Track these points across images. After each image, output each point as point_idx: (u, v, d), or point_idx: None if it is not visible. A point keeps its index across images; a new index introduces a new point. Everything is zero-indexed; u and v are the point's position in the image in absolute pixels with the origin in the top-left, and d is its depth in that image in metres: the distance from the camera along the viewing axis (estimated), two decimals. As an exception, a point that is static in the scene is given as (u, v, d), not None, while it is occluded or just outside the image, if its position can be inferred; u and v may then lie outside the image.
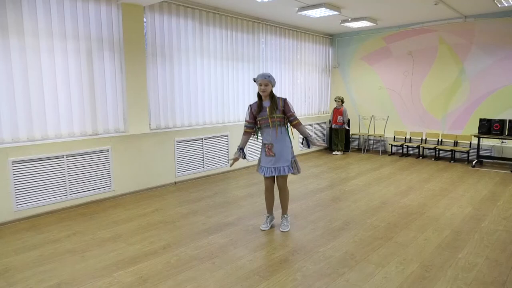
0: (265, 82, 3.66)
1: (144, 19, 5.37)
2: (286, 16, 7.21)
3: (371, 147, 9.15)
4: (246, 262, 3.17)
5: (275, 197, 3.99)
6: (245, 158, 3.92)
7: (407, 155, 8.39)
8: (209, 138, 6.41)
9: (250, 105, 3.84)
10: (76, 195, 4.71)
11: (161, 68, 5.69)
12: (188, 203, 4.88)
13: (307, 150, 8.80)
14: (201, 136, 6.26)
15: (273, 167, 3.76)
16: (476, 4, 6.42)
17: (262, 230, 3.90)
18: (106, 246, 3.52)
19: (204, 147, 6.32)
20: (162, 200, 5.02)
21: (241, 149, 3.85)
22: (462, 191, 5.39)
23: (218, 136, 6.56)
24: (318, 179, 6.16)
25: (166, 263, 3.16)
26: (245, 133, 3.87)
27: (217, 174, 6.58)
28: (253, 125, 3.85)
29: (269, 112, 3.68)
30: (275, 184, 3.91)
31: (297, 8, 6.53)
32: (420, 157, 8.11)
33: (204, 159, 6.34)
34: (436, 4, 6.27)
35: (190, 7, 5.98)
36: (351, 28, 8.54)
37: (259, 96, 3.77)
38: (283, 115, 3.74)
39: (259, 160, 3.93)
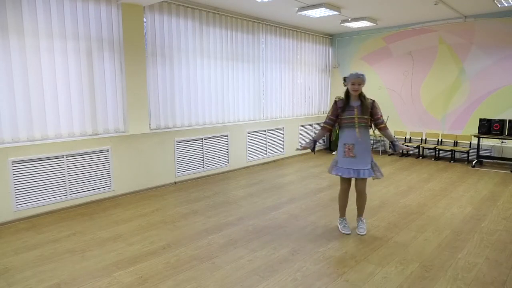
0: (359, 81, 3.56)
1: (144, 19, 5.37)
2: (286, 16, 7.21)
3: (371, 147, 9.14)
4: (246, 262, 3.17)
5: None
6: (313, 151, 3.89)
7: (407, 155, 8.39)
8: (209, 138, 6.41)
9: (336, 102, 3.72)
10: (76, 195, 4.71)
11: (161, 68, 5.69)
12: (188, 203, 4.88)
13: (307, 150, 8.78)
14: (201, 136, 6.26)
15: (353, 169, 3.65)
16: (476, 4, 6.42)
17: (346, 234, 3.78)
18: (106, 246, 3.52)
19: (204, 147, 6.32)
20: (162, 200, 5.02)
21: (314, 141, 3.82)
22: (462, 191, 5.39)
23: (218, 136, 6.56)
24: (318, 179, 6.16)
25: (166, 263, 3.16)
26: (324, 128, 3.78)
27: (217, 174, 6.58)
28: (334, 122, 3.75)
29: (358, 113, 3.60)
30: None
31: (297, 8, 6.53)
32: (420, 157, 8.11)
33: (204, 159, 6.34)
34: (436, 4, 6.27)
35: (190, 7, 5.98)
36: (351, 28, 8.54)
37: (347, 95, 3.68)
38: (369, 117, 3.64)
39: (335, 161, 3.79)
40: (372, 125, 3.73)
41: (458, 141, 7.72)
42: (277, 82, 7.98)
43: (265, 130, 7.57)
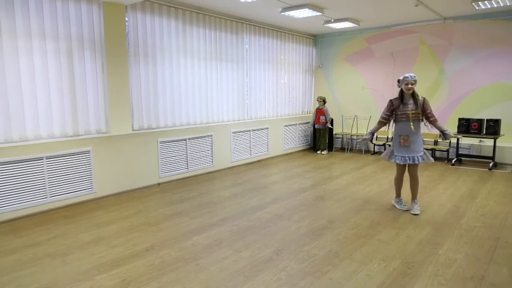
0: (412, 82, 4.23)
1: (126, 18, 5.30)
2: (269, 17, 7.23)
3: (354, 147, 9.26)
4: (230, 263, 3.16)
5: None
6: (371, 141, 5.05)
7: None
8: (193, 138, 6.37)
9: (391, 100, 4.43)
10: (57, 197, 4.61)
11: (144, 68, 5.63)
12: (172, 204, 4.84)
13: (292, 150, 8.85)
14: (185, 137, 6.22)
15: (408, 156, 4.32)
16: (455, 6, 6.58)
17: (405, 210, 4.52)
18: (87, 249, 3.46)
19: (188, 147, 6.28)
20: (145, 202, 4.97)
21: (372, 133, 4.62)
22: (442, 189, 5.52)
23: (202, 137, 6.53)
24: (302, 179, 6.20)
25: (149, 266, 3.13)
26: (381, 122, 4.51)
27: (202, 174, 6.55)
28: (389, 117, 4.45)
29: (412, 108, 4.27)
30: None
31: (280, 9, 6.56)
32: (402, 156, 8.24)
33: (188, 160, 6.30)
34: (416, 5, 6.39)
35: (173, 7, 5.93)
36: (334, 29, 8.62)
37: (401, 94, 4.34)
38: (421, 112, 4.29)
39: (391, 150, 4.50)
40: (423, 119, 4.36)
41: (438, 140, 7.89)
42: (261, 82, 7.99)
43: (250, 130, 7.58)
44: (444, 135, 4.31)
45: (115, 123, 5.22)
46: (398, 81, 4.36)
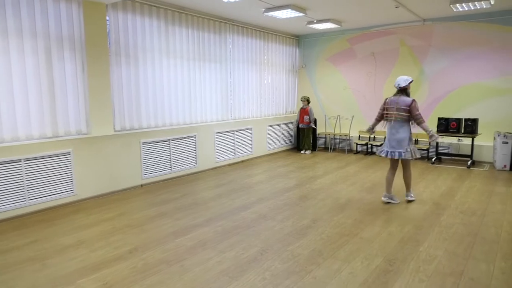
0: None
1: (107, 17, 5.21)
2: (252, 17, 7.23)
3: (337, 146, 9.36)
4: (215, 264, 3.15)
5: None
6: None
7: (372, 153, 8.66)
8: (177, 139, 6.32)
9: (414, 100, 4.64)
10: (36, 200, 4.50)
11: (126, 68, 5.55)
12: (155, 206, 4.79)
13: (276, 150, 8.88)
14: (168, 137, 6.16)
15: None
16: (434, 8, 6.73)
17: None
18: (68, 253, 3.39)
19: (171, 148, 6.22)
20: (128, 204, 4.90)
21: (433, 131, 4.72)
22: (422, 187, 5.63)
23: (185, 137, 6.48)
24: (286, 179, 6.23)
25: (132, 268, 3.08)
26: (423, 121, 4.64)
27: (185, 175, 6.50)
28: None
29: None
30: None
31: (263, 9, 6.57)
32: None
33: (172, 161, 6.25)
34: (397, 7, 6.51)
35: (155, 6, 5.87)
36: (316, 30, 8.70)
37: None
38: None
39: (414, 147, 4.74)
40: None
41: (418, 139, 8.05)
42: (244, 83, 7.99)
43: (234, 131, 7.56)
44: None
45: (96, 124, 5.13)
46: (410, 82, 4.70)
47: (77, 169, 4.91)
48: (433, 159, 7.52)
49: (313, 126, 8.85)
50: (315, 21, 7.64)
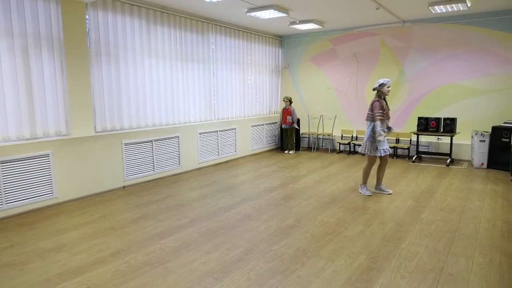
0: (388, 84, 4.98)
1: (87, 16, 5.11)
2: (235, 17, 7.22)
3: (321, 146, 9.45)
4: (199, 265, 3.13)
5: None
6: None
7: (354, 152, 8.77)
8: (159, 140, 6.25)
9: (379, 100, 4.92)
10: (14, 204, 4.37)
11: (107, 68, 5.45)
12: (138, 208, 4.72)
13: (260, 150, 8.89)
14: (151, 138, 6.09)
15: (386, 148, 5.02)
16: (413, 10, 6.87)
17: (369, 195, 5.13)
18: (48, 257, 3.31)
19: (154, 149, 6.15)
20: (110, 206, 4.82)
21: (388, 128, 5.12)
22: (404, 185, 5.74)
23: (168, 138, 6.42)
24: (270, 179, 6.25)
25: (115, 271, 3.03)
26: (381, 120, 4.93)
27: (169, 176, 6.44)
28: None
29: (388, 108, 5.04)
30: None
31: (246, 9, 6.57)
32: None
33: (155, 162, 6.18)
34: (377, 9, 6.61)
35: (136, 5, 5.79)
36: (299, 30, 8.75)
37: (380, 95, 4.98)
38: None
39: (375, 146, 4.99)
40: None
41: (399, 138, 8.20)
42: (228, 83, 7.97)
43: (217, 131, 7.54)
44: (388, 129, 5.10)
45: (76, 125, 5.02)
46: (380, 85, 4.92)
47: (57, 171, 4.80)
48: (414, 158, 7.67)
49: (296, 127, 8.90)
50: (297, 21, 7.68)
